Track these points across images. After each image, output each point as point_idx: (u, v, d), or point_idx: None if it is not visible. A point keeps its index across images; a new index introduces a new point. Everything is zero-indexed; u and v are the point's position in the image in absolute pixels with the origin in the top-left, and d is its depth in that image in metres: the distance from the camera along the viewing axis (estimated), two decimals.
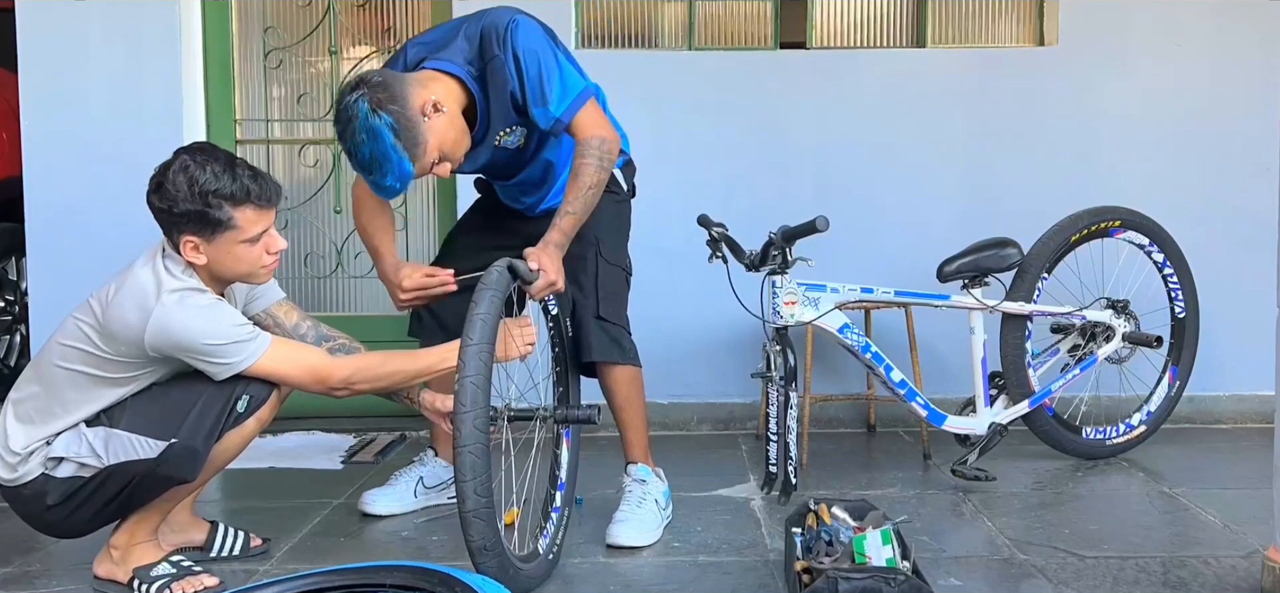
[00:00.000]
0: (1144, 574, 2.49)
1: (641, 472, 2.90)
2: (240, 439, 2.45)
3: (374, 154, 2.44)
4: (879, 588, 2.10)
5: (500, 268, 2.39)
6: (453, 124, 2.55)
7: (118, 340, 2.31)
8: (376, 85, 2.44)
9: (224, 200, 2.30)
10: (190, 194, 2.27)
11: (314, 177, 4.42)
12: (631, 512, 2.79)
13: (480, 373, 2.23)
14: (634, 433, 2.92)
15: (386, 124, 2.41)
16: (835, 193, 4.01)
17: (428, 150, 2.49)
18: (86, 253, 3.98)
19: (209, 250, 2.34)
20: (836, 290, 3.11)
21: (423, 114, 2.47)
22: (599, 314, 2.79)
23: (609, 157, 2.61)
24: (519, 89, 2.59)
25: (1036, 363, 3.45)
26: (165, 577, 2.44)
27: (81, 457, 2.34)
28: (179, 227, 2.31)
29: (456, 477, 2.22)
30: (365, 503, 3.02)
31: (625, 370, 2.85)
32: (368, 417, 4.15)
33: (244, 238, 2.35)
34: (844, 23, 4.30)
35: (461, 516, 2.23)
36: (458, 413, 2.22)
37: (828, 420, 4.11)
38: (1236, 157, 4.10)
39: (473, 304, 2.30)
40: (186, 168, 2.29)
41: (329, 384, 2.43)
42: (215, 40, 4.29)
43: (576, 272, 2.76)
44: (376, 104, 2.41)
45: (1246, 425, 4.06)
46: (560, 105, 2.58)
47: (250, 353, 2.34)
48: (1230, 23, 4.11)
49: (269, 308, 2.62)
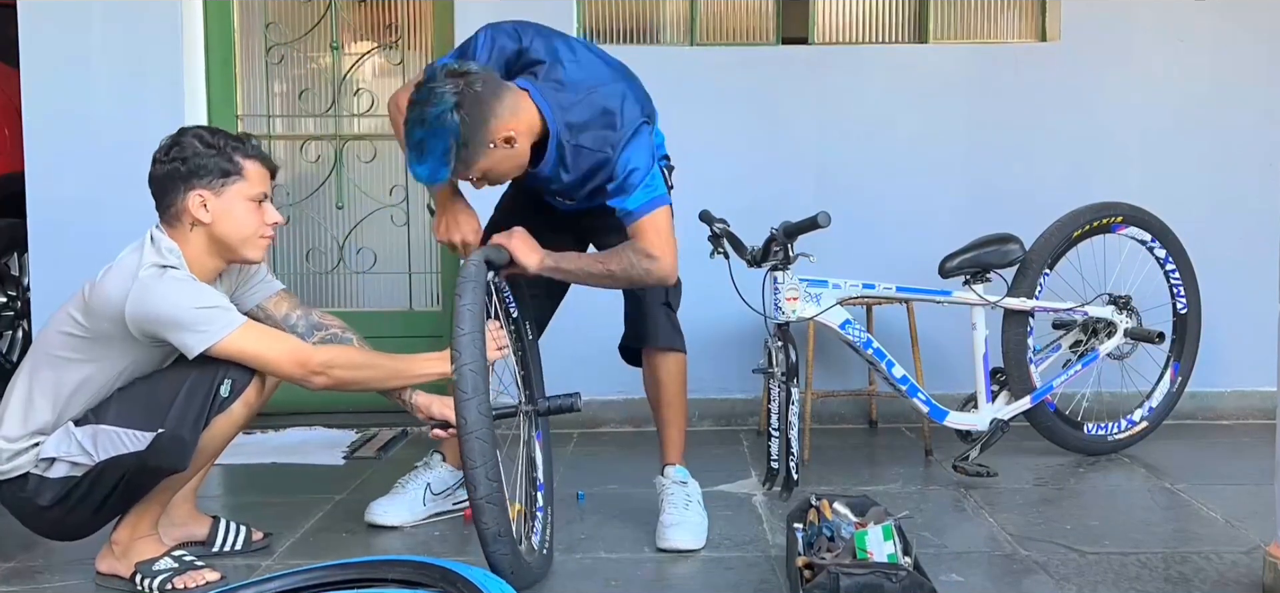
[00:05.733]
0: (1145, 570, 2.49)
1: (681, 473, 2.85)
2: (229, 426, 2.44)
3: (425, 144, 2.40)
4: (881, 584, 2.10)
5: (477, 260, 2.42)
6: (512, 159, 2.51)
7: (99, 316, 2.34)
8: (473, 89, 2.38)
9: (235, 150, 2.44)
10: (205, 147, 2.42)
11: (316, 172, 4.42)
12: (681, 514, 2.74)
13: (477, 359, 2.24)
14: (676, 431, 2.88)
15: (453, 130, 2.37)
16: (837, 188, 4.01)
17: (473, 169, 2.47)
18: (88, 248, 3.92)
19: (216, 205, 2.41)
20: (838, 286, 3.11)
21: (492, 142, 2.44)
22: (666, 301, 2.81)
23: (646, 276, 2.58)
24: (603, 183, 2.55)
25: (1038, 359, 3.45)
26: (167, 571, 2.44)
27: (72, 456, 2.35)
28: (189, 182, 2.40)
29: (464, 464, 2.22)
30: (373, 514, 2.91)
31: (676, 358, 2.84)
32: (369, 412, 4.14)
33: (250, 193, 2.44)
34: (846, 18, 4.30)
35: (473, 503, 2.22)
36: (460, 400, 2.22)
37: (829, 416, 4.11)
38: (1239, 152, 4.10)
39: (456, 296, 2.31)
40: (197, 132, 2.46)
41: (308, 368, 2.42)
42: (217, 35, 4.29)
43: None
44: (460, 104, 2.37)
45: (1248, 422, 4.06)
46: (636, 202, 2.53)
47: (224, 324, 2.34)
48: (1232, 18, 4.10)
49: (262, 302, 2.64)
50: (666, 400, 2.86)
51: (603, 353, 2.96)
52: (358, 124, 4.43)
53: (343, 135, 4.41)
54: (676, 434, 2.88)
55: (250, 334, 2.38)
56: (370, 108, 4.41)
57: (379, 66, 4.43)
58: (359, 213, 4.42)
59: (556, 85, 2.55)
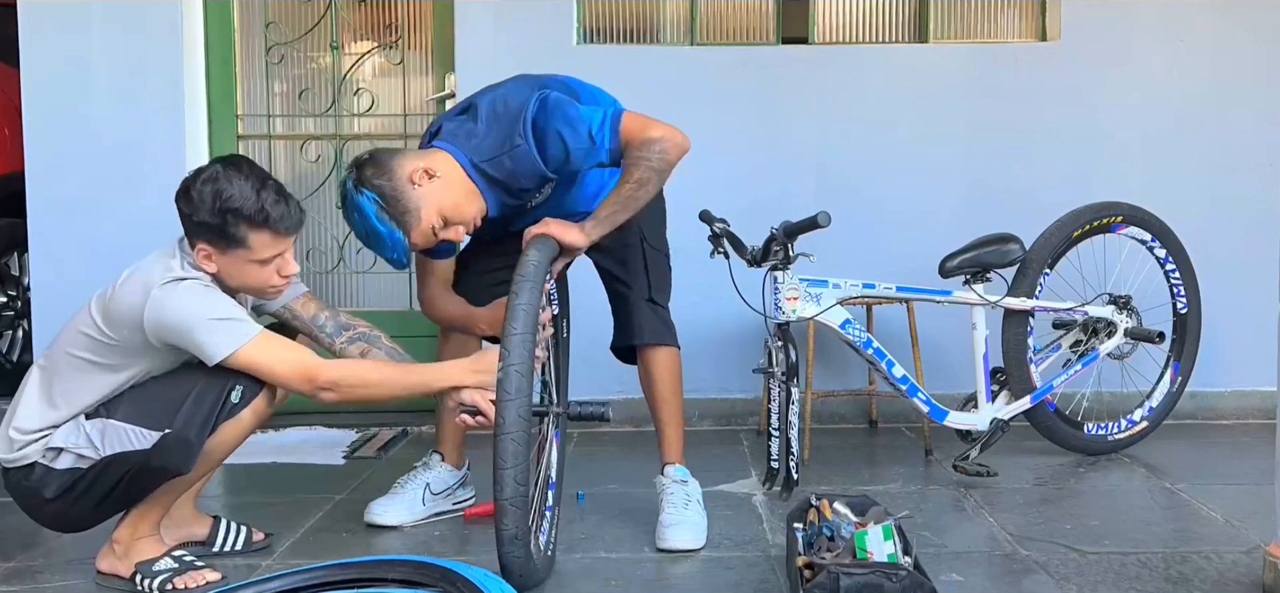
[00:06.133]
0: (1145, 570, 2.49)
1: (681, 472, 2.83)
2: (236, 432, 2.45)
3: (365, 229, 2.51)
4: (881, 584, 2.10)
5: (538, 260, 2.38)
6: (451, 187, 2.53)
7: (119, 324, 2.34)
8: (365, 163, 2.51)
9: (242, 221, 2.34)
10: (212, 207, 2.33)
11: (316, 172, 4.42)
12: (680, 514, 2.72)
13: (525, 361, 2.24)
14: (673, 429, 2.87)
15: (370, 199, 2.47)
16: (837, 188, 4.01)
17: (422, 217, 2.50)
18: (88, 248, 3.99)
19: (221, 262, 2.39)
20: (838, 286, 3.11)
21: (412, 182, 2.49)
22: (651, 297, 2.81)
23: (665, 158, 2.52)
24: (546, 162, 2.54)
25: (1038, 359, 3.45)
26: (167, 571, 2.44)
27: (79, 448, 2.36)
28: (196, 234, 2.38)
29: (496, 463, 2.22)
30: (372, 514, 2.90)
31: (668, 353, 2.85)
32: (369, 412, 4.14)
33: (255, 259, 2.39)
34: (846, 18, 4.29)
35: (497, 502, 2.23)
36: (502, 400, 2.23)
37: (829, 416, 4.11)
38: (1239, 152, 4.10)
39: (513, 295, 2.30)
40: (215, 179, 2.35)
41: (316, 383, 2.40)
42: (217, 35, 4.29)
43: (624, 258, 2.80)
44: (361, 182, 2.49)
45: (1248, 421, 4.05)
46: (601, 138, 2.52)
47: (239, 335, 2.34)
48: (1232, 18, 4.10)
49: (288, 303, 2.62)
50: (661, 397, 2.86)
51: (603, 352, 2.96)
52: (358, 124, 4.43)
53: (343, 135, 4.41)
54: (675, 433, 2.88)
55: (263, 347, 2.37)
56: (370, 108, 4.41)
57: (379, 66, 4.43)
58: None
59: (463, 133, 2.60)
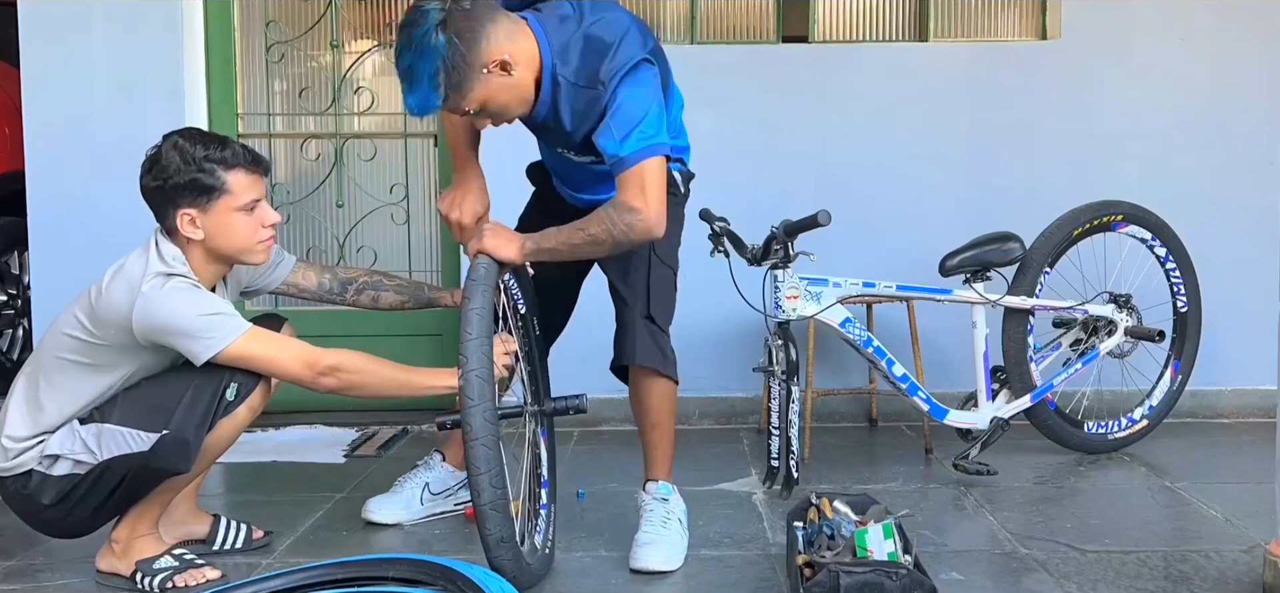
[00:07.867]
0: (1145, 569, 2.49)
1: (664, 490, 2.67)
2: (233, 428, 2.45)
3: (412, 69, 2.26)
4: (881, 582, 2.10)
5: (486, 261, 2.40)
6: (512, 89, 2.34)
7: (107, 325, 2.34)
8: (460, 6, 2.24)
9: (216, 165, 2.36)
10: (183, 164, 2.34)
11: (316, 171, 4.42)
12: (657, 532, 2.57)
13: (484, 365, 2.24)
14: (661, 451, 2.69)
15: (440, 51, 2.22)
16: (837, 187, 4.01)
17: (468, 101, 2.31)
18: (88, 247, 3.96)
19: (205, 222, 2.37)
20: (838, 285, 3.11)
21: (485, 68, 2.28)
22: (648, 314, 2.58)
23: (629, 232, 2.35)
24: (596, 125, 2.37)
25: (1038, 357, 3.45)
26: (167, 570, 2.44)
27: (76, 454, 2.36)
28: (174, 201, 2.36)
29: (469, 470, 2.22)
30: (369, 511, 2.89)
31: (663, 385, 2.63)
32: (369, 411, 4.15)
33: (238, 204, 2.38)
34: (846, 16, 4.29)
35: (478, 509, 2.22)
36: (466, 407, 2.21)
37: (829, 415, 4.11)
38: (1239, 151, 4.10)
39: (465, 300, 2.30)
40: (177, 143, 2.37)
41: (317, 369, 2.40)
42: (217, 34, 4.29)
43: (626, 269, 2.58)
44: (446, 24, 2.22)
45: (1248, 420, 4.06)
46: (629, 147, 2.32)
47: (229, 331, 2.34)
48: (1232, 17, 4.10)
49: (287, 279, 2.65)
50: (650, 423, 2.68)
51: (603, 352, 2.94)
52: (358, 122, 4.43)
53: (343, 133, 4.41)
54: (663, 453, 2.70)
55: (256, 340, 2.38)
56: (370, 106, 4.41)
57: (379, 65, 4.43)
58: (359, 211, 4.42)
59: (559, 19, 2.39)
